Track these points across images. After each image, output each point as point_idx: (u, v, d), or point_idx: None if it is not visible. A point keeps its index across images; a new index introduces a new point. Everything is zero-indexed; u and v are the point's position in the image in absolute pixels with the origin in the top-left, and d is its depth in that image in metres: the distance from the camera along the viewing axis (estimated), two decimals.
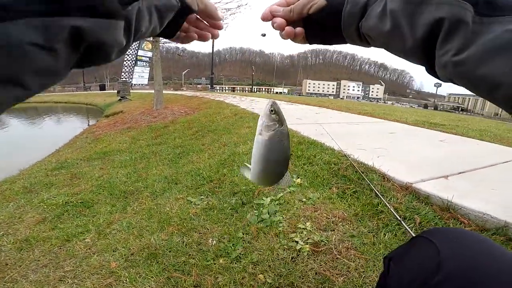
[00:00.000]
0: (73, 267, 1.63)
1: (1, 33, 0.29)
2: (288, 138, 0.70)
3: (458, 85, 0.42)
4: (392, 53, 0.51)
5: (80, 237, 1.96)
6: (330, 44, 0.62)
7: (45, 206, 2.55)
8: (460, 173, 2.31)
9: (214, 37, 0.65)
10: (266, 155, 0.71)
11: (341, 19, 0.52)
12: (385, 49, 0.51)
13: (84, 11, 0.36)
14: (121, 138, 5.84)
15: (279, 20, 0.58)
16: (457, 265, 0.48)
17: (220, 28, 0.65)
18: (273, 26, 0.59)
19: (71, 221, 2.25)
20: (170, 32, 0.59)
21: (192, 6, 0.56)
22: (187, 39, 0.64)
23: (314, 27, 0.57)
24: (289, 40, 0.60)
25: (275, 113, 0.68)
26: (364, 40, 0.54)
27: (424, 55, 0.44)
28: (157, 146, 4.58)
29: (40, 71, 0.35)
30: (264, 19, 0.60)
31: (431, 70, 0.45)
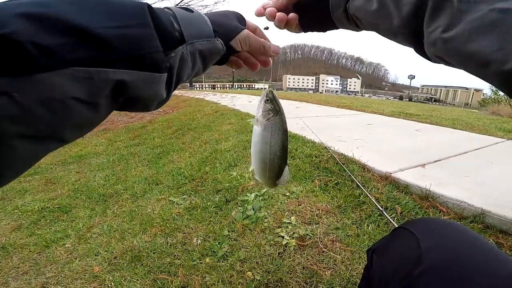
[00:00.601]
0: (55, 273, 1.57)
1: (46, 84, 0.26)
2: (285, 128, 0.68)
3: (448, 64, 0.42)
4: (381, 34, 0.51)
5: (60, 242, 1.89)
6: (324, 30, 0.62)
7: (20, 213, 2.44)
8: (436, 161, 2.38)
9: (264, 66, 0.63)
10: (262, 147, 0.69)
11: (329, 2, 0.53)
12: (374, 30, 0.52)
13: (129, 62, 0.33)
14: (97, 141, 5.67)
15: (269, 10, 0.58)
16: (438, 256, 0.49)
17: (267, 64, 0.63)
18: (267, 18, 0.60)
19: (49, 227, 2.17)
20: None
21: (236, 48, 0.53)
22: (234, 66, 0.61)
23: (306, 14, 0.58)
24: (285, 30, 0.62)
25: (271, 102, 0.66)
26: (352, 23, 0.54)
27: (412, 33, 0.44)
28: (136, 147, 4.48)
29: (80, 125, 0.33)
30: (258, 14, 0.61)
31: (420, 51, 0.46)
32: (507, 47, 0.32)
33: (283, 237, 1.56)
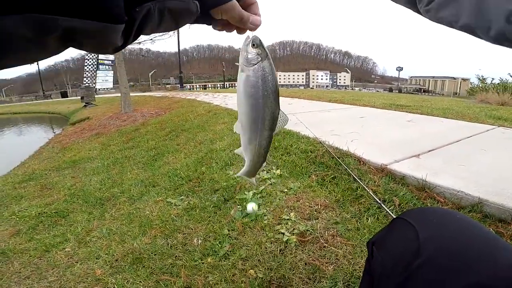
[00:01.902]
0: (57, 277, 1.56)
1: None
2: (274, 72, 0.63)
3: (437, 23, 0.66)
4: None
5: (60, 246, 1.88)
6: None
7: (17, 219, 2.43)
8: (430, 151, 2.41)
9: (239, 33, 0.59)
10: (253, 92, 0.62)
11: None
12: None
13: (84, 12, 0.33)
14: (91, 145, 5.63)
15: None
16: (437, 247, 0.49)
17: (243, 31, 0.59)
18: None
19: (48, 231, 2.15)
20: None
21: (214, 16, 0.51)
22: (224, 29, 0.58)
23: None
24: None
25: (258, 47, 0.60)
26: None
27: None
28: (130, 150, 4.46)
29: (24, 58, 0.35)
30: None
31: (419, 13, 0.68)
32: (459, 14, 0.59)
33: (283, 233, 1.57)
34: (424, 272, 0.47)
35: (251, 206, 1.28)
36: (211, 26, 0.57)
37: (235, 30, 0.58)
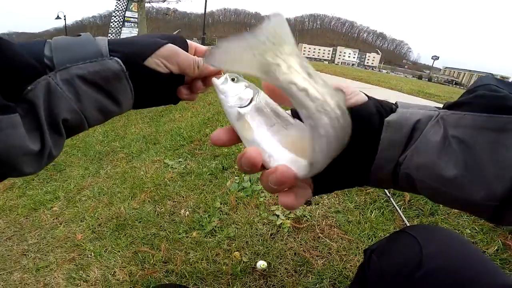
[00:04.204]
0: (37, 239, 1.51)
1: None
2: None
3: None
4: (444, 203, 0.37)
5: (48, 205, 1.83)
6: (337, 189, 0.41)
7: None
8: None
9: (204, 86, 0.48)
10: None
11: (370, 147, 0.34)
12: (432, 197, 0.35)
13: None
14: None
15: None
16: (440, 263, 0.48)
17: (207, 85, 0.48)
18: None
19: (41, 187, 2.10)
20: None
21: (157, 69, 0.40)
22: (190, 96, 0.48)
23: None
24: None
25: (239, 79, 0.41)
26: (401, 183, 0.35)
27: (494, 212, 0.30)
28: None
29: None
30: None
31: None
32: None
33: (278, 216, 1.44)
34: (425, 284, 0.46)
35: (260, 264, 1.15)
36: (172, 104, 0.49)
37: (201, 86, 0.47)
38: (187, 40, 0.46)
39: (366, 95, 0.37)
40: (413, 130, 0.32)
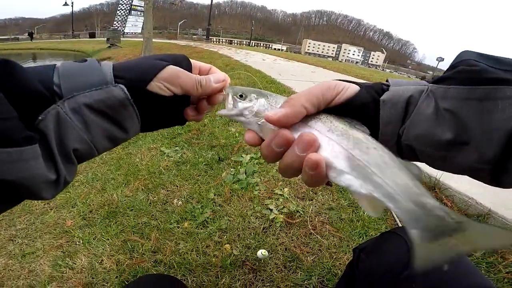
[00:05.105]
0: (26, 224, 1.49)
1: None
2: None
3: None
4: (446, 170, 0.38)
5: None
6: None
7: None
8: None
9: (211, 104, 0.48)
10: None
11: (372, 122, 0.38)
12: (436, 164, 0.38)
13: None
14: None
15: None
16: None
17: (214, 102, 0.47)
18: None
19: None
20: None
21: (160, 93, 0.39)
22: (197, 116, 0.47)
23: None
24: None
25: (245, 95, 0.42)
26: (405, 154, 0.39)
27: (498, 169, 0.32)
28: None
29: None
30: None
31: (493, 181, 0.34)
32: None
33: (271, 210, 1.42)
34: (409, 284, 0.48)
35: (261, 252, 1.14)
36: (179, 125, 0.48)
37: (206, 106, 0.47)
38: (191, 61, 0.46)
39: (357, 84, 0.39)
40: (408, 105, 0.36)
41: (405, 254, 0.52)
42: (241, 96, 0.42)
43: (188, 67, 0.44)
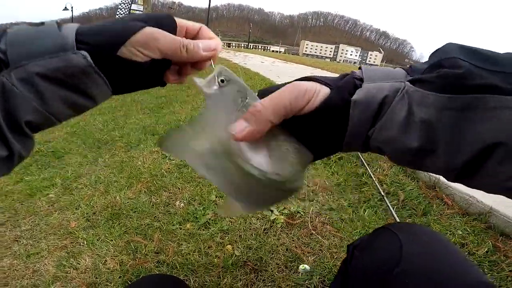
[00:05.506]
0: (31, 225, 1.50)
1: None
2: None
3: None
4: (416, 168, 0.38)
5: (45, 192, 1.82)
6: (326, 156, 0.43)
7: None
8: None
9: (198, 69, 0.46)
10: None
11: (340, 123, 0.35)
12: (405, 164, 0.38)
13: None
14: None
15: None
16: (418, 262, 0.49)
17: (201, 67, 0.45)
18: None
19: (39, 173, 2.09)
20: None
21: (132, 58, 0.35)
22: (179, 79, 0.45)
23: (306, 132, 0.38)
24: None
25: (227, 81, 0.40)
26: (372, 151, 0.39)
27: (464, 173, 0.32)
28: (140, 95, 4.33)
29: None
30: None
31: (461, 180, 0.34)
32: None
33: (272, 211, 1.44)
34: (401, 280, 0.47)
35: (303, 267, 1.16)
36: (159, 86, 0.44)
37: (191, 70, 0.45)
38: (177, 19, 0.40)
39: (328, 84, 0.36)
40: (381, 105, 0.33)
41: (398, 251, 0.51)
42: (222, 81, 0.40)
43: (171, 28, 0.39)
